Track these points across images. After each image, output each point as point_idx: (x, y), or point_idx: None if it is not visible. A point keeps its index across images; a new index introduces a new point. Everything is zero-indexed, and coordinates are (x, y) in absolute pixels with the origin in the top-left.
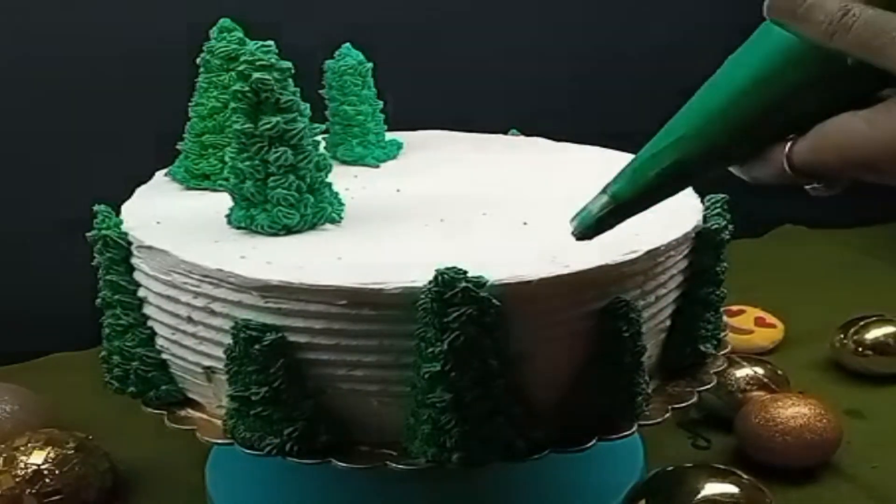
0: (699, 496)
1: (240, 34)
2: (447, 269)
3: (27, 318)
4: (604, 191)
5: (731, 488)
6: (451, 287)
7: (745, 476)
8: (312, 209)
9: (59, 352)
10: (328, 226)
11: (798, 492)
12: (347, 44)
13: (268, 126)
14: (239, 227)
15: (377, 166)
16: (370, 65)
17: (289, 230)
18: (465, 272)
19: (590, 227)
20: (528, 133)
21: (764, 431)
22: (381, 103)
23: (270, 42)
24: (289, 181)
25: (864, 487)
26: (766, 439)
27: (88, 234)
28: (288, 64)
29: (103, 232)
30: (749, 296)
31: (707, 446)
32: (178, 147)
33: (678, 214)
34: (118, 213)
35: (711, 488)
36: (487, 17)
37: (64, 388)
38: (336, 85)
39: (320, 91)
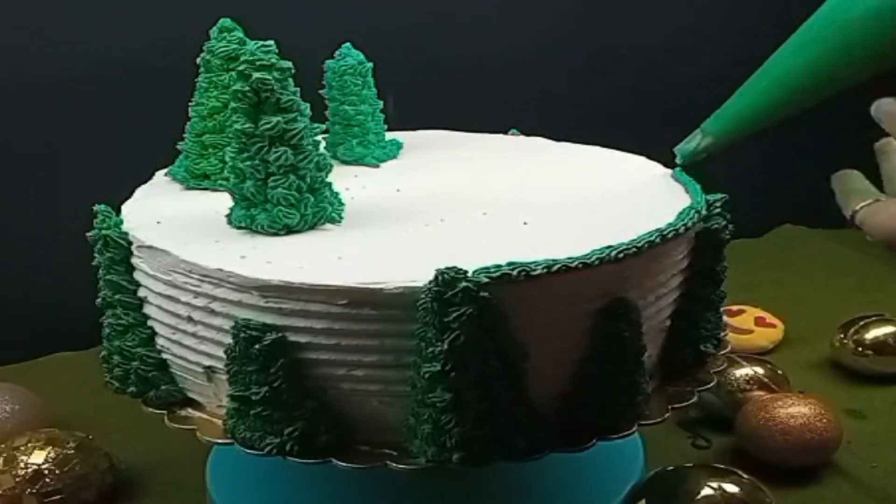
0: (699, 496)
1: (240, 34)
2: (447, 268)
3: (27, 318)
4: (701, 129)
5: (731, 488)
6: (451, 287)
7: (745, 476)
8: (312, 209)
9: (59, 352)
10: (328, 225)
11: (798, 492)
12: (347, 44)
13: (268, 126)
14: (239, 227)
15: (377, 166)
16: (370, 65)
17: (289, 230)
18: (466, 272)
19: (686, 158)
20: (528, 133)
21: (764, 431)
22: (380, 103)
23: (270, 42)
24: (289, 181)
25: (864, 487)
26: (766, 439)
27: (89, 234)
28: (288, 63)
29: (103, 232)
30: (749, 296)
31: (707, 446)
32: (178, 147)
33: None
34: (118, 212)
35: (711, 488)
36: (487, 17)
37: (64, 388)
38: (336, 85)
39: (320, 91)
